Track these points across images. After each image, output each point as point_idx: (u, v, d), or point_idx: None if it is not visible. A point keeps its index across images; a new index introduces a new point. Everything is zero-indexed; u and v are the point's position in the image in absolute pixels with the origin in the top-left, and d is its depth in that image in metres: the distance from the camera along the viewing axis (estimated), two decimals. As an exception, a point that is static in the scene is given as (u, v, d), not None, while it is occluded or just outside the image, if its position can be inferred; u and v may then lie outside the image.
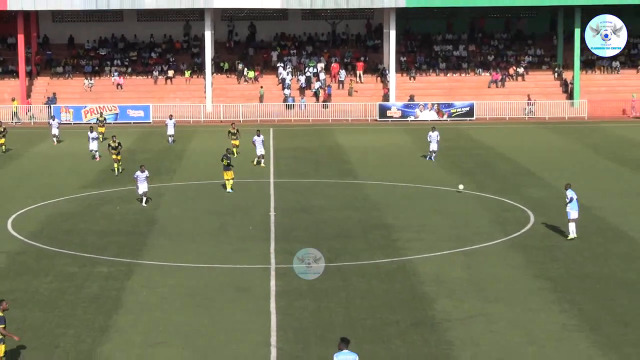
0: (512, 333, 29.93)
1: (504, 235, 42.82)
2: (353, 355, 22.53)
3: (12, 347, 28.74)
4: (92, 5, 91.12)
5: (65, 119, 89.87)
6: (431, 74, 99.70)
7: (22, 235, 43.53)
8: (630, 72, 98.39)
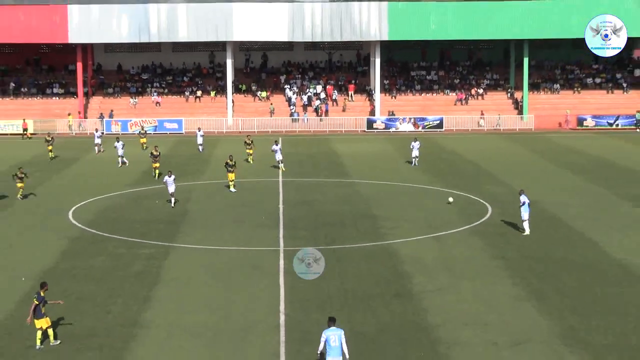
0: (475, 303, 29.91)
1: (468, 224, 42.78)
2: (339, 331, 22.44)
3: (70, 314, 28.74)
4: (136, 38, 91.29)
5: (115, 130, 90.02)
6: (409, 94, 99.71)
7: (80, 223, 43.51)
8: (567, 92, 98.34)
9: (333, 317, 22.98)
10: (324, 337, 22.29)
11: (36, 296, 26.35)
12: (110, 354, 25.11)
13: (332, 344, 22.15)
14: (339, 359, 22.13)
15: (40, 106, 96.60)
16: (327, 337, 22.23)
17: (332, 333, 22.26)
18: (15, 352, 25.36)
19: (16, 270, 34.46)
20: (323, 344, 22.27)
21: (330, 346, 22.14)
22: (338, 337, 22.20)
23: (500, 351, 25.14)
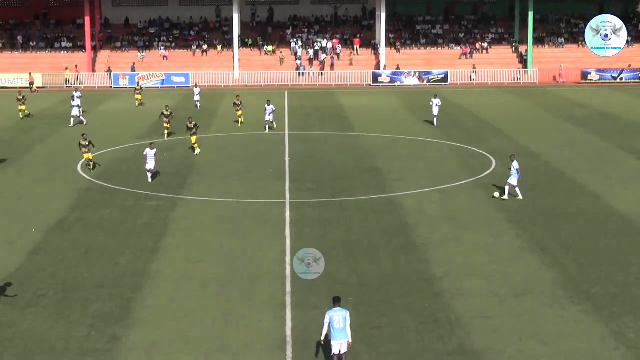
0: (477, 253, 29.97)
1: (471, 177, 42.74)
2: (345, 312, 20.24)
3: (80, 265, 28.88)
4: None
5: (122, 84, 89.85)
6: (413, 48, 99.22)
7: (89, 176, 43.54)
8: (572, 46, 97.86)
9: (338, 297, 20.73)
10: (328, 318, 20.16)
11: None
12: (119, 304, 25.24)
13: (336, 325, 20.00)
14: (344, 342, 20.10)
15: (48, 60, 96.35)
16: (331, 318, 20.10)
17: (337, 314, 20.15)
18: (27, 301, 25.50)
19: (27, 222, 34.58)
20: (327, 327, 20.15)
21: (334, 328, 20.00)
22: (343, 319, 20.09)
23: (503, 302, 25.23)
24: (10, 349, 22.06)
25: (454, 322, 23.62)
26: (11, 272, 28.21)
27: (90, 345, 22.29)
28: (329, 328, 20.10)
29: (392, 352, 21.70)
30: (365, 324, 23.45)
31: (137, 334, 22.98)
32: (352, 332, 21.33)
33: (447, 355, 21.51)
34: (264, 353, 21.71)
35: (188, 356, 21.57)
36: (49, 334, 23.07)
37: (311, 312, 24.40)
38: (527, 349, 21.85)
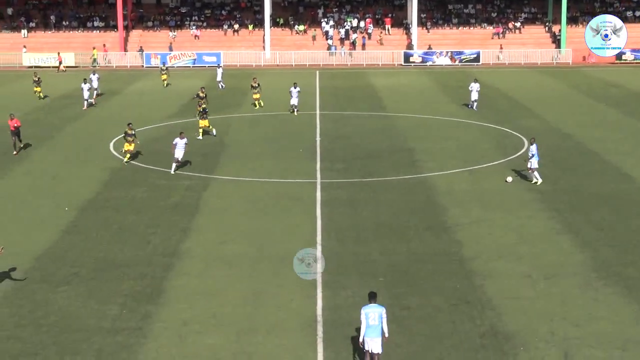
0: (508, 235, 29.84)
1: (503, 157, 42.53)
2: (381, 308, 19.30)
3: (111, 243, 29.08)
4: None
5: (154, 63, 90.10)
6: (445, 28, 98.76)
7: (121, 154, 43.73)
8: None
9: (374, 293, 19.73)
10: (363, 314, 19.21)
11: None
12: (150, 283, 25.39)
13: (370, 322, 19.10)
14: (378, 340, 19.15)
15: (81, 39, 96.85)
16: (366, 314, 19.20)
17: (372, 310, 19.24)
18: (59, 280, 25.72)
19: (59, 201, 34.83)
20: (365, 323, 19.18)
21: (368, 325, 19.10)
22: (379, 316, 19.17)
23: (534, 283, 25.11)
24: (43, 326, 22.27)
25: (485, 304, 23.56)
26: (45, 249, 28.47)
27: (122, 323, 22.46)
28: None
29: (422, 333, 21.68)
30: (396, 305, 23.44)
31: (168, 313, 23.12)
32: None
33: (478, 336, 21.47)
34: (294, 332, 21.77)
35: (219, 335, 21.67)
36: (82, 311, 23.26)
37: (341, 292, 24.42)
38: (559, 330, 21.76)
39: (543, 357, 20.31)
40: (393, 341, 20.94)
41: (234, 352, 20.65)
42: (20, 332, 21.85)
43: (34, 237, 29.94)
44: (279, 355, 20.50)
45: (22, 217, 32.74)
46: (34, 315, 22.97)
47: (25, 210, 33.75)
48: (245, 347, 20.97)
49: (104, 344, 21.17)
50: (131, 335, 21.66)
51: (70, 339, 21.46)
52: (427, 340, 21.23)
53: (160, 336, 21.65)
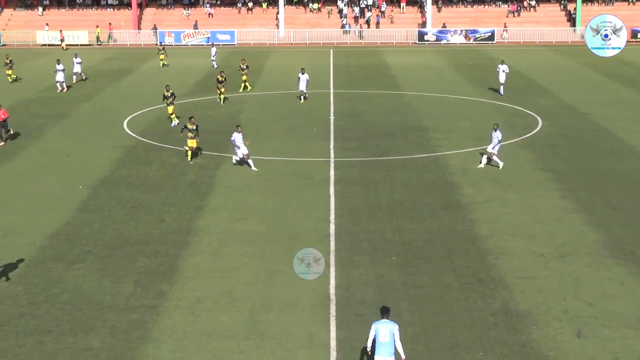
0: (522, 213, 29.80)
1: (516, 136, 42.41)
2: (393, 325, 17.83)
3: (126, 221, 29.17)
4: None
5: (168, 41, 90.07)
6: (460, 6, 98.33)
7: (134, 133, 43.83)
8: (622, 4, 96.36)
9: (387, 308, 18.28)
10: (373, 330, 17.80)
11: None
12: (164, 261, 25.48)
13: (381, 339, 17.69)
14: (391, 359, 17.74)
15: (95, 17, 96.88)
16: (377, 330, 17.77)
17: (383, 326, 17.79)
18: (73, 257, 25.84)
19: (73, 179, 34.95)
20: (372, 339, 17.86)
21: (379, 342, 17.68)
22: (390, 332, 17.71)
23: (548, 262, 25.09)
24: (57, 304, 22.40)
25: (498, 282, 23.56)
26: (59, 227, 28.60)
27: (136, 300, 22.56)
28: (374, 341, 17.84)
29: (435, 311, 21.71)
30: (409, 283, 23.47)
31: (182, 291, 23.21)
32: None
33: (490, 315, 21.48)
34: (307, 311, 21.82)
35: (232, 313, 21.74)
36: (96, 289, 23.38)
37: (354, 270, 24.46)
38: (572, 309, 21.75)
39: (556, 335, 20.31)
40: (406, 319, 21.00)
41: (247, 329, 20.73)
42: (34, 309, 21.99)
43: (48, 215, 30.07)
44: (292, 333, 20.57)
45: (36, 195, 32.87)
46: (48, 293, 23.10)
47: (40, 188, 33.88)
48: (258, 325, 21.04)
49: (118, 321, 21.28)
50: (145, 313, 21.76)
51: (84, 317, 21.58)
52: (439, 319, 21.26)
53: (173, 314, 21.74)
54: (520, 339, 20.14)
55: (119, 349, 19.82)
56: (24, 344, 20.14)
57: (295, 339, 20.27)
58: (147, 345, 20.03)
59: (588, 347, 19.75)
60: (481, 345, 19.87)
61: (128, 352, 19.71)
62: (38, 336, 20.51)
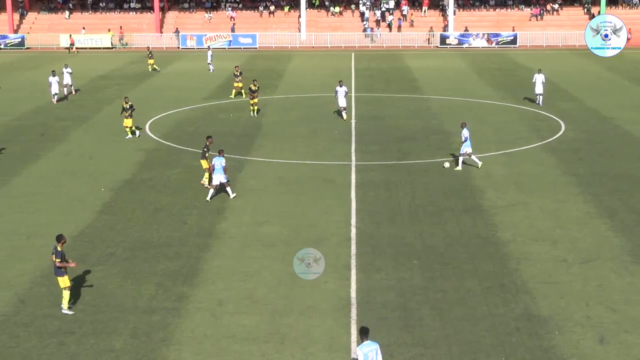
0: (544, 218, 29.67)
1: (539, 140, 42.26)
2: (375, 345, 17.40)
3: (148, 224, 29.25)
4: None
5: (190, 44, 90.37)
6: (482, 9, 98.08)
7: (156, 136, 43.98)
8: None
9: (366, 328, 17.74)
10: (362, 354, 17.19)
11: (54, 252, 22.39)
12: (186, 263, 25.54)
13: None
14: None
15: (117, 21, 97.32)
16: (365, 355, 17.19)
17: (370, 349, 17.33)
18: (96, 259, 25.96)
19: (96, 182, 35.10)
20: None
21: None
22: (376, 353, 17.34)
23: (570, 267, 24.97)
24: (80, 305, 22.50)
25: (520, 287, 23.46)
26: (81, 229, 28.73)
27: (158, 303, 22.62)
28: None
29: (457, 316, 21.64)
30: (430, 288, 23.42)
31: (203, 293, 23.25)
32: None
33: (512, 320, 21.39)
34: (328, 314, 21.81)
35: (254, 316, 21.77)
36: (118, 291, 23.47)
37: (376, 274, 24.43)
38: (595, 315, 21.63)
39: (578, 341, 20.21)
40: (427, 323, 20.96)
41: (268, 332, 20.74)
42: (57, 310, 22.07)
43: (71, 217, 30.21)
44: (313, 337, 20.57)
45: (59, 197, 33.04)
46: (71, 294, 23.18)
47: (63, 190, 34.05)
48: (280, 327, 21.06)
49: (140, 323, 21.35)
50: (167, 315, 21.82)
51: (106, 318, 21.67)
52: (461, 323, 21.19)
53: (195, 316, 21.79)
54: (542, 345, 20.05)
55: (141, 351, 19.89)
56: (47, 344, 20.25)
57: (316, 342, 20.26)
58: (168, 347, 20.09)
59: (611, 354, 19.64)
60: (503, 350, 19.80)
61: (150, 354, 19.77)
62: (61, 337, 20.61)
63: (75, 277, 24.37)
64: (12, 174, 36.57)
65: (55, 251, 22.23)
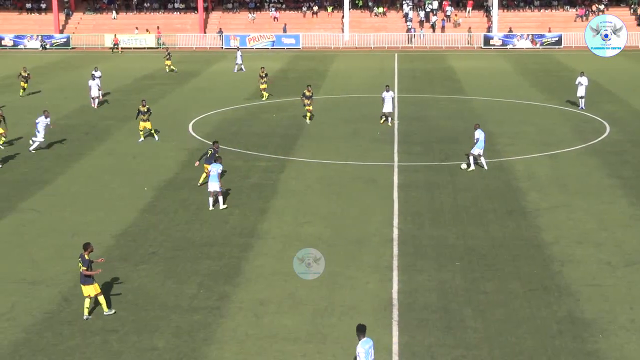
0: (588, 220, 29.42)
1: (583, 142, 41.90)
2: (371, 342, 17.26)
3: (190, 223, 29.42)
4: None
5: (233, 45, 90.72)
6: (527, 10, 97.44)
7: (199, 135, 44.20)
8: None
9: (363, 326, 17.59)
10: (363, 351, 17.09)
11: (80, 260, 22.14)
12: (228, 263, 25.64)
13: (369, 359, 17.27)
14: None
15: (161, 21, 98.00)
16: (366, 351, 17.13)
17: (368, 346, 17.28)
18: (139, 258, 26.15)
19: (139, 181, 35.35)
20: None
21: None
22: (373, 350, 17.40)
23: (615, 270, 24.72)
24: (122, 303, 22.67)
25: (563, 290, 23.28)
26: (124, 228, 28.96)
27: (200, 302, 22.73)
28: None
29: (499, 318, 21.52)
30: (472, 289, 23.31)
31: (245, 293, 23.33)
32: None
33: (555, 322, 21.22)
34: (370, 315, 21.78)
35: (295, 316, 21.80)
36: (160, 290, 23.62)
37: (417, 275, 24.36)
38: (639, 318, 21.40)
39: (622, 345, 20.01)
40: (469, 325, 20.87)
41: (309, 332, 20.76)
42: (100, 309, 22.26)
43: (114, 216, 30.46)
44: (354, 337, 20.48)
45: (103, 196, 33.33)
46: (114, 293, 23.39)
47: (106, 189, 34.35)
48: (321, 328, 21.07)
49: (182, 322, 21.47)
50: (208, 315, 21.92)
51: (148, 317, 21.82)
52: (503, 325, 21.07)
53: (236, 316, 21.86)
54: (585, 348, 19.87)
55: (183, 350, 20.00)
56: (90, 342, 20.43)
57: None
58: (210, 346, 20.18)
59: (655, 357, 19.43)
60: (545, 353, 19.65)
61: (191, 352, 19.87)
62: (104, 335, 20.79)
63: (118, 276, 24.59)
64: (57, 173, 36.98)
65: (82, 259, 21.99)
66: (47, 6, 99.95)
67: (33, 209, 31.61)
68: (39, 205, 32.02)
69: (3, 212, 31.16)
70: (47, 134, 41.80)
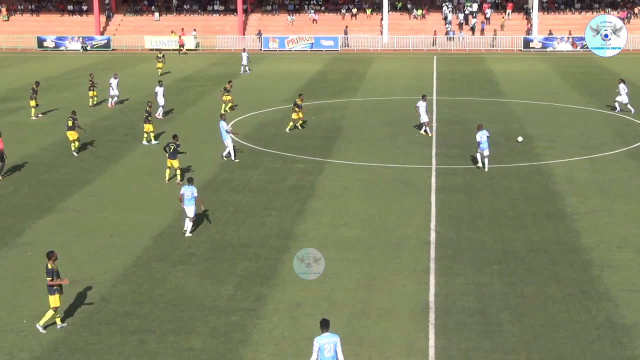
0: (629, 225, 29.13)
1: (625, 146, 41.51)
2: (335, 337, 17.38)
3: (228, 224, 29.50)
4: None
5: (272, 47, 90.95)
6: (567, 13, 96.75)
7: (238, 137, 44.30)
8: None
9: (326, 320, 17.79)
10: (317, 345, 17.22)
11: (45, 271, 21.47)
12: (265, 264, 25.70)
13: (326, 354, 17.19)
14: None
15: (201, 23, 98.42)
16: (321, 346, 17.21)
17: (327, 341, 17.31)
18: (177, 259, 26.28)
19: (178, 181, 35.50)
20: (316, 356, 17.24)
21: (324, 357, 17.20)
22: (333, 346, 17.31)
23: (654, 275, 24.50)
24: (160, 304, 22.80)
25: (603, 295, 23.07)
26: (163, 229, 29.12)
27: (237, 303, 22.80)
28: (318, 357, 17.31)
29: (536, 322, 21.36)
30: (510, 293, 23.17)
31: (282, 294, 23.37)
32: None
33: (594, 328, 21.04)
34: (406, 318, 21.74)
35: (331, 318, 21.57)
36: (198, 290, 23.72)
37: (455, 279, 24.27)
38: (679, 325, 21.18)
39: (662, 351, 19.80)
40: (507, 329, 20.75)
41: (345, 335, 20.72)
42: (138, 309, 22.42)
43: (153, 216, 30.65)
44: (390, 340, 20.52)
45: (141, 196, 33.56)
46: (152, 293, 23.54)
47: (145, 190, 34.58)
48: (357, 330, 21.05)
49: (219, 323, 21.55)
50: (245, 316, 21.98)
51: (185, 317, 21.92)
52: (541, 330, 20.92)
53: (273, 317, 21.90)
54: (625, 354, 19.68)
55: (219, 351, 20.07)
56: (127, 342, 20.57)
57: (394, 346, 20.21)
58: (246, 347, 20.24)
59: (696, 364, 19.20)
60: (584, 358, 19.48)
61: (228, 353, 19.94)
62: (141, 335, 20.92)
63: (156, 276, 24.73)
64: (96, 174, 37.28)
65: (45, 268, 21.39)
66: (88, 8, 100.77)
67: (73, 209, 31.91)
68: (78, 206, 32.32)
69: (43, 212, 31.48)
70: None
